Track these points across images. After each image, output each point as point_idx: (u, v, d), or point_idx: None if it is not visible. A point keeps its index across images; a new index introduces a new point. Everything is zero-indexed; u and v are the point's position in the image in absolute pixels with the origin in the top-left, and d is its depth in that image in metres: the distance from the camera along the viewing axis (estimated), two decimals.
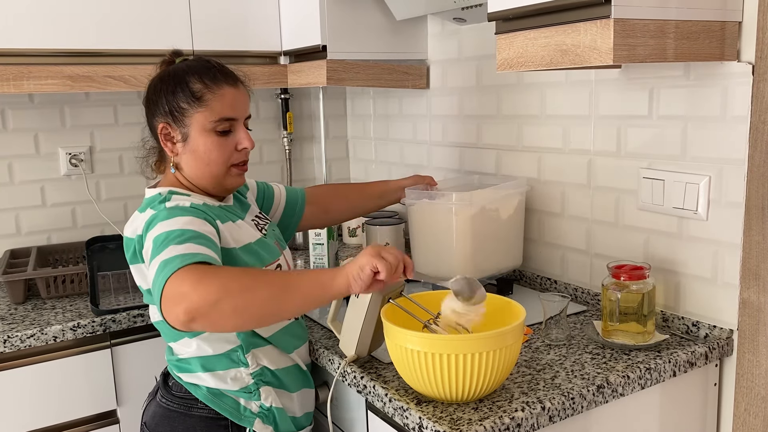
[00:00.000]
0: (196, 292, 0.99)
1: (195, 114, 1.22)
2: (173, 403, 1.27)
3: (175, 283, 1.01)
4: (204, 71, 1.24)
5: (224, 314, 1.00)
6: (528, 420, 1.07)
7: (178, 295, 1.00)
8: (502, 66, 1.28)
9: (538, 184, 1.72)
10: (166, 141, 1.25)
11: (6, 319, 1.63)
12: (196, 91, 1.22)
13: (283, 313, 1.09)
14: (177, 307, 0.99)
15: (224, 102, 1.23)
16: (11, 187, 2.01)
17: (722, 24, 1.22)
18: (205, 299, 0.99)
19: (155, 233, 1.11)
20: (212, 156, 1.23)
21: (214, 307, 0.99)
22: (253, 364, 1.25)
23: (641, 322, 1.32)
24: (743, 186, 1.27)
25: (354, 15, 1.92)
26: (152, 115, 1.27)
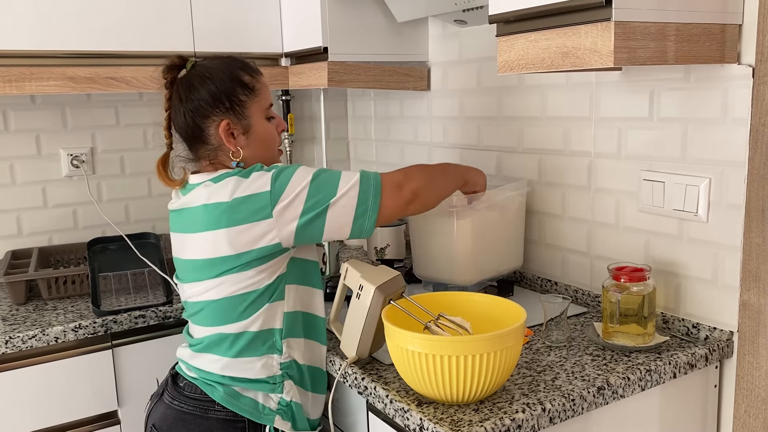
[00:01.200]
0: (413, 180, 1.26)
1: (253, 104, 1.29)
2: (188, 406, 1.26)
3: (391, 178, 1.24)
4: (243, 65, 1.31)
5: (431, 194, 1.31)
6: (528, 421, 1.08)
7: (398, 184, 1.24)
8: (503, 68, 1.28)
9: (538, 185, 1.73)
10: (229, 138, 1.27)
11: (7, 320, 1.63)
12: (248, 82, 1.29)
13: (449, 191, 1.39)
14: (402, 191, 1.24)
15: (266, 89, 1.34)
16: (13, 187, 2.02)
17: (722, 27, 1.22)
18: (420, 183, 1.27)
19: (308, 174, 1.20)
20: (273, 138, 1.34)
21: (425, 189, 1.28)
22: (286, 353, 1.26)
23: (642, 324, 1.32)
24: (743, 188, 1.27)
25: (355, 17, 1.92)
26: (204, 114, 1.27)
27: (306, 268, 1.29)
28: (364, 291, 1.24)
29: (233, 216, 1.18)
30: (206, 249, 1.22)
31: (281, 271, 1.24)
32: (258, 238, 1.18)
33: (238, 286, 1.22)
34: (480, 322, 1.22)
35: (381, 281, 1.23)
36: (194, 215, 1.23)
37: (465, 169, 1.45)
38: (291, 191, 1.18)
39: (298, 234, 1.19)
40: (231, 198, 1.18)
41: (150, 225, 2.21)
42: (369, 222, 1.21)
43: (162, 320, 1.69)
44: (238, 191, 1.18)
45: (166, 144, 1.33)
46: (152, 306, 1.69)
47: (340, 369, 1.29)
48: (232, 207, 1.18)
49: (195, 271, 1.25)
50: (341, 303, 1.38)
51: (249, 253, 1.19)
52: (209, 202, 1.21)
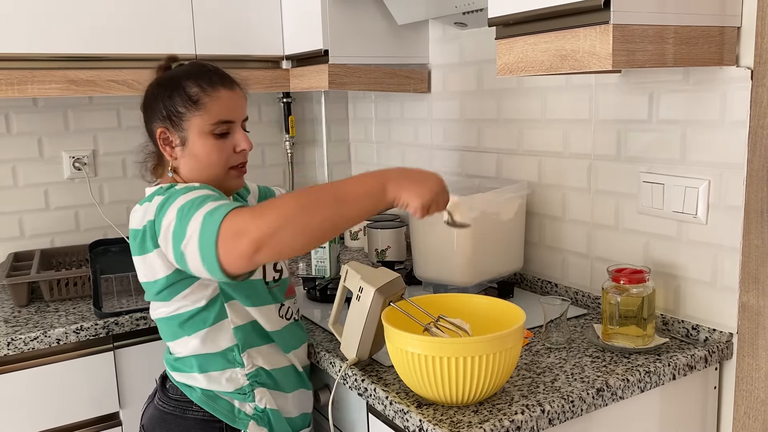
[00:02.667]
0: (256, 224, 0.99)
1: (192, 118, 1.22)
2: (169, 406, 1.28)
3: (230, 222, 1.01)
4: (200, 75, 1.24)
5: (286, 240, 1.01)
6: (528, 423, 1.08)
7: (237, 231, 1.00)
8: (503, 71, 1.28)
9: (538, 187, 1.73)
10: (165, 145, 1.25)
11: (9, 322, 1.64)
12: (193, 94, 1.22)
13: (337, 228, 1.07)
14: (240, 242, 0.99)
15: (221, 105, 1.24)
16: (15, 190, 2.02)
17: (721, 29, 1.22)
18: (267, 229, 0.99)
19: (178, 204, 1.11)
20: (211, 159, 1.24)
21: (275, 235, 0.99)
22: (249, 364, 1.26)
23: (641, 326, 1.32)
24: (742, 190, 1.27)
25: (356, 19, 1.93)
26: (150, 120, 1.27)
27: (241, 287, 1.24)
28: (364, 293, 1.24)
29: (143, 244, 1.20)
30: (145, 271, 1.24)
31: (213, 291, 1.22)
32: (159, 267, 1.18)
33: (172, 307, 1.23)
34: (480, 323, 1.23)
35: (381, 283, 1.24)
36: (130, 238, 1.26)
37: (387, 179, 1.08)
38: (164, 227, 1.13)
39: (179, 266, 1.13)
40: (141, 226, 1.20)
41: None
42: (216, 274, 1.04)
43: None
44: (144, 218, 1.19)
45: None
46: None
47: (341, 371, 1.30)
48: (140, 235, 1.19)
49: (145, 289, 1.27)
50: (341, 305, 1.39)
51: (160, 280, 1.19)
52: (132, 228, 1.24)
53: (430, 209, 1.11)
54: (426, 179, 1.10)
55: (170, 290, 1.21)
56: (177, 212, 1.10)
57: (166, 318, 1.25)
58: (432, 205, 1.10)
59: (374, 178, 1.08)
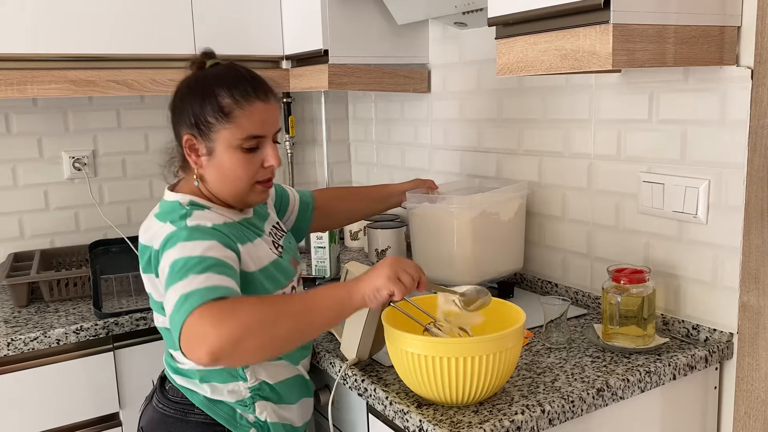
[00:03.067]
0: (217, 334, 0.96)
1: (222, 130, 1.17)
2: (170, 409, 1.26)
3: (195, 323, 0.98)
4: (234, 84, 1.17)
5: (247, 352, 1.00)
6: (528, 423, 1.08)
7: (199, 336, 0.97)
8: (502, 71, 1.28)
9: (538, 187, 1.73)
10: (191, 152, 1.20)
11: (9, 322, 1.64)
12: (225, 106, 1.16)
13: (305, 338, 1.07)
14: (199, 349, 0.97)
15: (253, 119, 1.17)
16: (15, 190, 2.02)
17: (721, 29, 1.22)
18: (227, 340, 0.96)
19: (174, 256, 1.08)
20: (237, 173, 1.19)
21: (236, 346, 0.97)
22: (252, 378, 1.23)
23: (641, 326, 1.32)
24: (743, 190, 1.27)
25: (355, 19, 1.93)
26: (177, 122, 1.22)
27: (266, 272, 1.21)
28: None
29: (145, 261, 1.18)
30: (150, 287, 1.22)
31: None
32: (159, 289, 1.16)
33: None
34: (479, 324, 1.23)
35: None
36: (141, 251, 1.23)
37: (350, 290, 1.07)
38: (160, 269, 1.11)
39: None
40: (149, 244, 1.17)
41: None
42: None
43: None
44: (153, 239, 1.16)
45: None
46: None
47: (341, 371, 1.30)
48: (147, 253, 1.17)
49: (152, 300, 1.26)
50: None
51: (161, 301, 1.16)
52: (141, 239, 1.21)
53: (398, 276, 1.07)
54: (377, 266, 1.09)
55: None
56: (170, 268, 1.07)
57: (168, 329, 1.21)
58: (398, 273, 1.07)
59: (338, 288, 1.07)
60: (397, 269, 1.07)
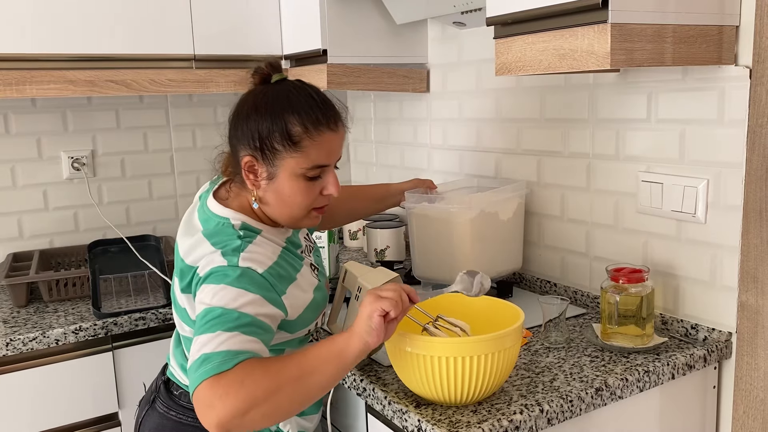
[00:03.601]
0: (223, 406, 0.96)
1: (288, 158, 1.12)
2: (184, 415, 1.21)
3: (206, 392, 0.97)
4: (307, 112, 1.12)
5: (255, 422, 0.99)
6: (526, 423, 1.08)
7: (208, 405, 0.97)
8: (501, 70, 1.28)
9: (537, 187, 1.73)
10: (249, 173, 1.14)
11: (8, 322, 1.64)
12: (295, 135, 1.11)
13: (313, 398, 1.04)
14: (209, 417, 0.97)
15: (322, 150, 1.13)
16: (14, 190, 2.02)
17: (720, 28, 1.22)
18: (233, 413, 0.96)
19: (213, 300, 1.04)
20: (296, 200, 1.15)
21: (243, 418, 0.97)
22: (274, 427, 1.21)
23: (640, 325, 1.32)
24: (741, 189, 1.27)
25: (354, 19, 1.93)
26: (238, 140, 1.15)
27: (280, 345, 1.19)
28: (363, 293, 1.24)
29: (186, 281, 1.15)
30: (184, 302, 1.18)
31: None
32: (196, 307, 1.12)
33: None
34: (478, 323, 1.23)
35: (379, 283, 1.23)
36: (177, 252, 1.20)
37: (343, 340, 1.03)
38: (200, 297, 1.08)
39: None
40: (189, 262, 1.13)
41: (150, 227, 2.22)
42: None
43: (162, 322, 1.69)
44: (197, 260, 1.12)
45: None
46: (152, 308, 1.69)
47: None
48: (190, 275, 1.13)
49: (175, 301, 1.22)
50: (340, 305, 1.39)
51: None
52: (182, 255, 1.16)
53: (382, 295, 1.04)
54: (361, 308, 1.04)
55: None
56: (205, 310, 1.04)
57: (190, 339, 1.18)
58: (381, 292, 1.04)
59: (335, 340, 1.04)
60: (374, 292, 1.05)
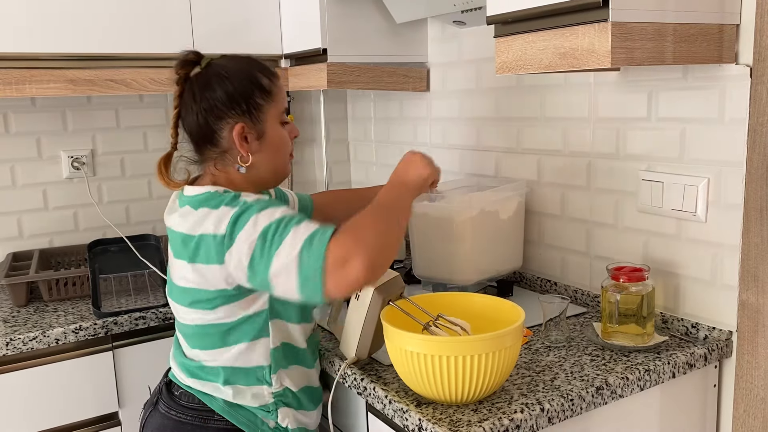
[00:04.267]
0: (364, 249, 1.03)
1: (270, 109, 1.24)
2: (185, 415, 1.22)
3: (337, 252, 1.03)
4: (262, 67, 1.26)
5: (390, 251, 1.09)
6: (527, 421, 1.08)
7: (347, 260, 1.02)
8: (501, 69, 1.28)
9: (537, 186, 1.73)
10: (243, 142, 1.21)
11: (8, 322, 1.63)
12: (266, 86, 1.23)
13: (404, 227, 1.19)
14: (354, 270, 1.02)
15: (282, 93, 1.27)
16: (13, 190, 2.02)
17: (720, 27, 1.22)
18: (374, 250, 1.04)
19: (258, 228, 1.08)
20: (284, 146, 1.27)
21: (382, 251, 1.06)
22: (277, 384, 1.23)
23: (640, 324, 1.32)
24: (742, 188, 1.27)
25: (354, 18, 1.92)
26: (219, 117, 1.20)
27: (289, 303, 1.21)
28: (363, 292, 1.24)
29: (195, 253, 1.14)
30: (181, 277, 1.19)
31: (261, 306, 1.19)
32: (218, 279, 1.14)
33: (213, 315, 1.18)
34: (479, 322, 1.23)
35: (380, 282, 1.23)
36: (173, 239, 1.21)
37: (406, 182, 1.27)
38: (240, 243, 1.09)
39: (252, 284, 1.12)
40: (196, 233, 1.14)
41: (150, 227, 2.22)
42: (319, 302, 1.08)
43: (162, 321, 1.69)
44: (203, 226, 1.13)
45: (171, 143, 1.26)
46: (152, 307, 1.69)
47: (340, 370, 1.29)
48: (196, 244, 1.14)
49: (176, 293, 1.23)
50: (341, 304, 1.39)
51: (213, 291, 1.15)
52: (182, 231, 1.17)
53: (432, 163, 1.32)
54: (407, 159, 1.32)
55: (219, 300, 1.16)
56: (259, 237, 1.07)
57: (203, 325, 1.20)
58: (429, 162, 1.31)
59: (391, 186, 1.26)
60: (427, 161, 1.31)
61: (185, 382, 1.25)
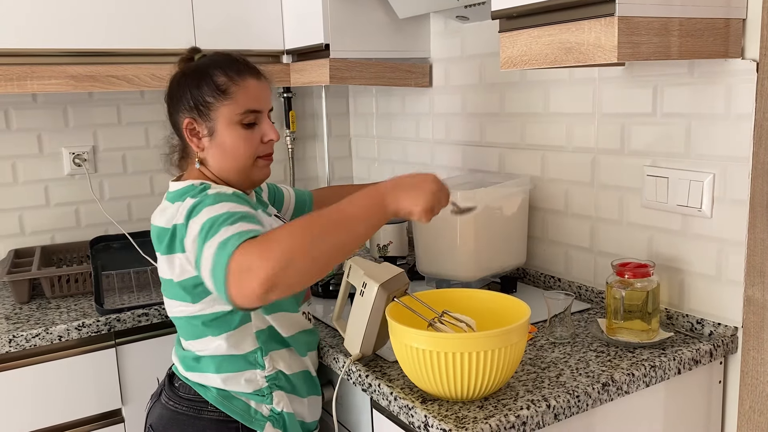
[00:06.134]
0: (266, 262, 0.95)
1: (221, 107, 1.22)
2: (181, 406, 1.25)
3: (241, 259, 0.97)
4: (227, 64, 1.24)
5: (299, 272, 0.98)
6: (533, 418, 1.07)
7: (248, 269, 0.96)
8: (506, 64, 1.28)
9: (541, 182, 1.72)
10: (192, 136, 1.24)
11: (11, 319, 1.63)
12: (221, 84, 1.22)
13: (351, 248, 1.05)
14: (251, 282, 0.95)
15: (248, 94, 1.24)
16: (15, 186, 2.02)
17: (726, 21, 1.22)
18: (277, 266, 0.95)
19: (202, 219, 1.09)
20: (240, 149, 1.24)
21: (287, 270, 0.96)
22: (270, 367, 1.24)
23: (646, 320, 1.32)
24: (748, 183, 1.26)
25: (356, 13, 1.92)
26: (176, 111, 1.26)
27: None
28: (368, 288, 1.23)
29: (165, 243, 1.18)
30: (161, 269, 1.23)
31: None
32: (186, 268, 1.16)
33: (195, 307, 1.20)
34: (484, 318, 1.22)
35: (385, 278, 1.23)
36: (152, 234, 1.24)
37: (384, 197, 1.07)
38: (190, 237, 1.11)
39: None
40: (168, 225, 1.17)
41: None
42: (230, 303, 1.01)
43: (165, 318, 1.69)
44: (174, 218, 1.16)
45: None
46: (155, 304, 1.69)
47: (344, 366, 1.29)
48: (172, 234, 1.16)
49: (163, 286, 1.26)
50: (345, 301, 1.38)
51: (186, 280, 1.17)
52: (156, 225, 1.21)
53: (434, 210, 1.09)
54: (421, 182, 1.09)
55: (197, 291, 1.18)
56: (200, 229, 1.08)
57: (188, 317, 1.23)
58: (435, 206, 1.09)
59: (369, 196, 1.06)
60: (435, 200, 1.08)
61: (183, 374, 1.28)
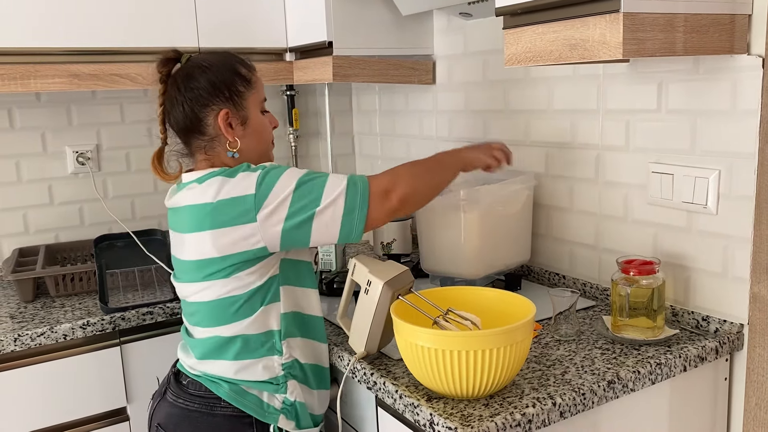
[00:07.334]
0: (401, 184, 1.22)
1: (250, 96, 1.31)
2: (193, 403, 1.25)
3: (380, 185, 1.21)
4: (240, 59, 1.34)
5: (419, 196, 1.26)
6: (539, 416, 1.07)
7: (386, 190, 1.21)
8: (510, 61, 1.27)
9: (545, 179, 1.72)
10: (228, 127, 1.28)
11: (16, 318, 1.63)
12: (245, 74, 1.31)
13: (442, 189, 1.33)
14: (389, 199, 1.21)
15: (261, 84, 1.35)
16: (19, 185, 2.02)
17: (732, 17, 1.21)
18: (409, 187, 1.23)
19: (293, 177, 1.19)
20: (266, 133, 1.35)
21: (414, 192, 1.24)
22: (287, 354, 1.26)
23: (651, 317, 1.31)
24: (753, 180, 1.26)
25: (359, 11, 1.91)
26: (204, 105, 1.27)
27: (299, 268, 1.28)
28: (373, 286, 1.23)
29: (217, 218, 1.18)
30: (194, 250, 1.22)
31: (273, 272, 1.23)
32: (242, 241, 1.17)
33: (227, 288, 1.21)
34: (489, 316, 1.22)
35: (389, 276, 1.23)
36: (183, 216, 1.24)
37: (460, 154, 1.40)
38: (275, 196, 1.16)
39: (284, 239, 1.18)
40: (215, 199, 1.18)
41: (156, 221, 2.21)
42: (356, 231, 1.20)
43: (170, 316, 1.69)
44: (222, 192, 1.18)
45: (160, 139, 1.33)
46: (160, 302, 1.69)
47: (349, 364, 1.29)
48: (217, 209, 1.18)
49: (188, 271, 1.26)
50: (349, 299, 1.38)
51: (234, 255, 1.19)
52: (195, 203, 1.21)
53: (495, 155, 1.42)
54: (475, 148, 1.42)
55: (234, 268, 1.20)
56: (297, 183, 1.17)
57: (215, 300, 1.23)
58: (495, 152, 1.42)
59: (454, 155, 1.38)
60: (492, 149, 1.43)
61: (193, 372, 1.28)
